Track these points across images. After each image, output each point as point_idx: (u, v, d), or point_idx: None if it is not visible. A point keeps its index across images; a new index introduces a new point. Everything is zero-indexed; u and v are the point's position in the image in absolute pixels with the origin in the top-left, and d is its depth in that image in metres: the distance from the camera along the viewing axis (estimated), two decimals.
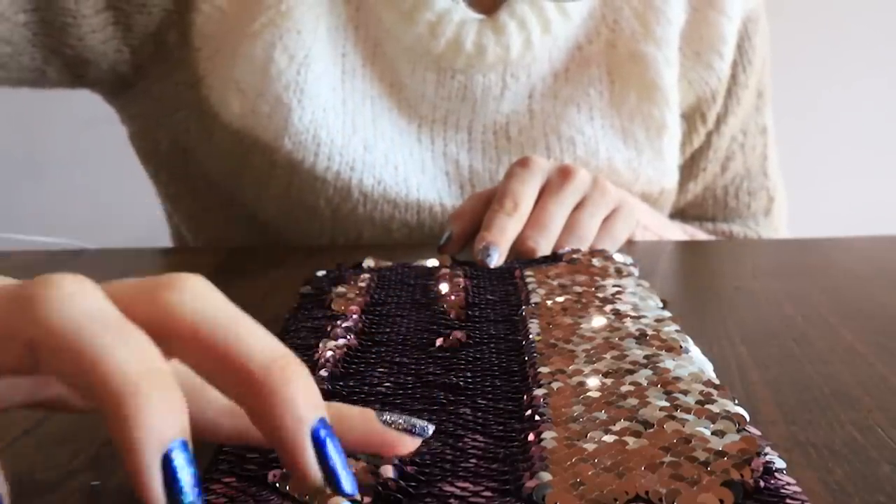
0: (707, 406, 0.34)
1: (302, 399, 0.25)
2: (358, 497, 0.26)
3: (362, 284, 0.52)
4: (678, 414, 0.34)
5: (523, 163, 0.63)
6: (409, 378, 0.38)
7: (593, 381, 0.37)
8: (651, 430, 0.32)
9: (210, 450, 0.32)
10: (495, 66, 0.74)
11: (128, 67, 0.75)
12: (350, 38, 0.73)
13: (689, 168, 0.85)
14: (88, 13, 0.70)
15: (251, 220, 0.77)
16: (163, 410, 0.23)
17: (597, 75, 0.77)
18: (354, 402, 0.36)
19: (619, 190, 0.66)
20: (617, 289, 0.50)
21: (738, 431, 0.32)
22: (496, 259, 0.57)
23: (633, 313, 0.46)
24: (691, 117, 0.83)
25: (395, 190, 0.73)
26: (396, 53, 0.74)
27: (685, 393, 0.36)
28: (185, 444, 0.24)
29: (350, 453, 0.28)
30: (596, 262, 0.57)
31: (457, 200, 0.75)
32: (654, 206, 0.80)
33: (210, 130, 0.73)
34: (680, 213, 0.88)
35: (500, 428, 0.34)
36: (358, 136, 0.73)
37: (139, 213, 1.33)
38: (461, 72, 0.74)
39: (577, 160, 0.75)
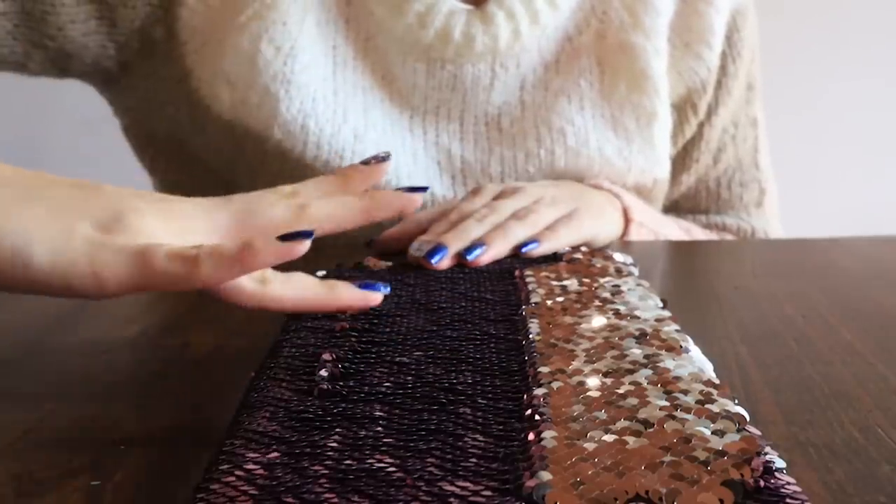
0: (707, 406, 0.34)
1: None
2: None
3: None
4: (678, 413, 0.34)
5: (474, 191, 0.67)
6: (409, 378, 0.38)
7: (593, 381, 0.37)
8: (651, 430, 0.32)
9: (210, 450, 0.32)
10: (484, 57, 0.75)
11: (112, 63, 0.75)
12: (341, 31, 0.74)
13: (682, 159, 0.86)
14: (69, 2, 0.70)
15: None
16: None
17: (587, 66, 0.78)
18: (354, 403, 0.36)
19: (574, 202, 0.66)
20: (617, 288, 0.50)
21: (738, 431, 0.32)
22: (423, 249, 0.58)
23: (632, 313, 0.46)
24: (682, 108, 0.84)
25: (385, 179, 0.74)
26: (387, 45, 0.75)
27: (685, 392, 0.36)
28: None
29: None
30: (596, 261, 0.57)
31: (448, 191, 0.76)
32: (649, 198, 0.81)
33: (202, 123, 0.74)
34: (674, 206, 0.89)
35: (500, 427, 0.33)
36: (348, 126, 0.74)
37: None
38: (451, 62, 0.75)
39: (567, 150, 0.77)
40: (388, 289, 0.47)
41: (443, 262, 0.57)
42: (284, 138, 0.72)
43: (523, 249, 0.60)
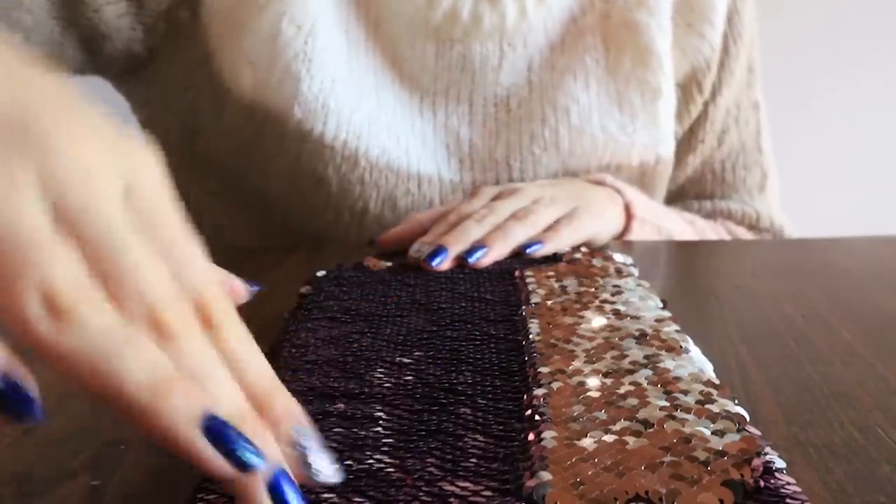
0: (707, 406, 0.34)
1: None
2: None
3: (362, 285, 0.52)
4: (678, 414, 0.34)
5: (473, 192, 0.67)
6: (409, 378, 0.38)
7: (593, 381, 0.37)
8: (651, 430, 0.33)
9: None
10: (492, 35, 0.76)
11: (141, 47, 0.76)
12: (352, 12, 0.76)
13: (688, 140, 0.87)
14: None
15: (257, 202, 0.78)
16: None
17: (592, 43, 0.79)
18: (354, 403, 0.36)
19: (573, 201, 0.67)
20: (617, 289, 0.50)
21: (739, 431, 0.32)
22: (423, 251, 0.58)
23: (632, 313, 0.46)
24: (687, 87, 0.85)
25: (398, 161, 0.75)
26: (396, 28, 0.76)
27: (685, 393, 0.36)
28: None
29: None
30: (596, 262, 0.57)
31: (454, 175, 0.77)
32: (653, 178, 0.81)
33: (221, 106, 0.75)
34: (680, 190, 0.89)
35: (501, 427, 0.34)
36: (363, 108, 0.75)
37: None
38: (459, 41, 0.76)
39: (571, 129, 0.78)
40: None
41: (443, 264, 0.57)
42: (304, 118, 0.73)
43: (528, 250, 0.60)
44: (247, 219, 0.81)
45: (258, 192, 0.78)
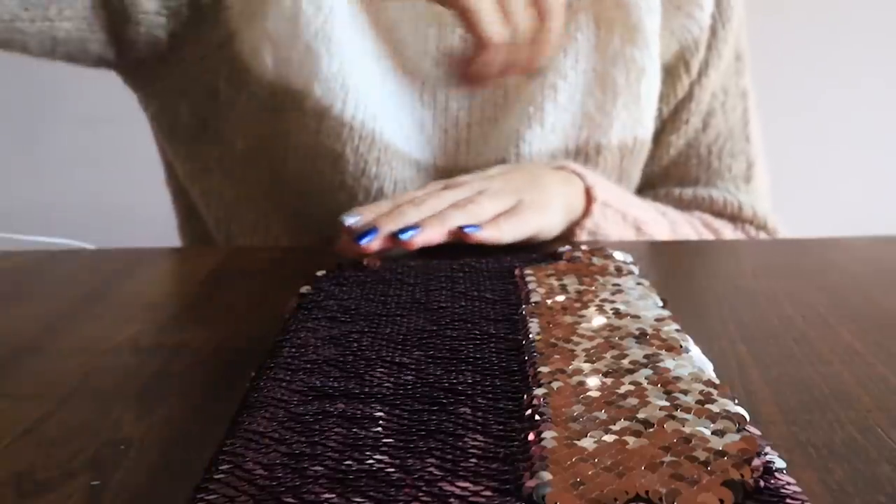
0: (707, 406, 0.34)
1: None
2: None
3: (362, 284, 0.52)
4: (678, 413, 0.34)
5: (423, 186, 0.69)
6: (409, 378, 0.38)
7: (593, 381, 0.37)
8: (651, 430, 0.33)
9: (210, 450, 0.32)
10: None
11: (163, 32, 0.76)
12: (355, 1, 0.77)
13: (672, 120, 0.88)
14: None
15: (269, 188, 0.79)
16: None
17: (584, 21, 0.81)
18: (354, 403, 0.36)
19: (518, 194, 0.67)
20: (617, 288, 0.50)
21: (739, 431, 0.32)
22: (353, 221, 0.61)
23: (632, 312, 0.46)
24: (675, 67, 0.86)
25: (392, 148, 0.76)
26: (397, 15, 0.77)
27: (685, 392, 0.36)
28: None
29: None
30: (596, 260, 0.57)
31: (450, 161, 0.78)
32: (631, 161, 0.82)
33: (241, 87, 0.76)
34: (664, 173, 0.89)
35: (500, 427, 0.34)
36: (376, 91, 0.76)
37: (139, 213, 1.33)
38: (460, 25, 0.77)
39: (557, 107, 0.79)
40: None
41: (372, 243, 0.58)
42: (324, 95, 0.74)
43: (465, 230, 0.61)
44: (257, 206, 0.81)
45: (271, 177, 0.78)
